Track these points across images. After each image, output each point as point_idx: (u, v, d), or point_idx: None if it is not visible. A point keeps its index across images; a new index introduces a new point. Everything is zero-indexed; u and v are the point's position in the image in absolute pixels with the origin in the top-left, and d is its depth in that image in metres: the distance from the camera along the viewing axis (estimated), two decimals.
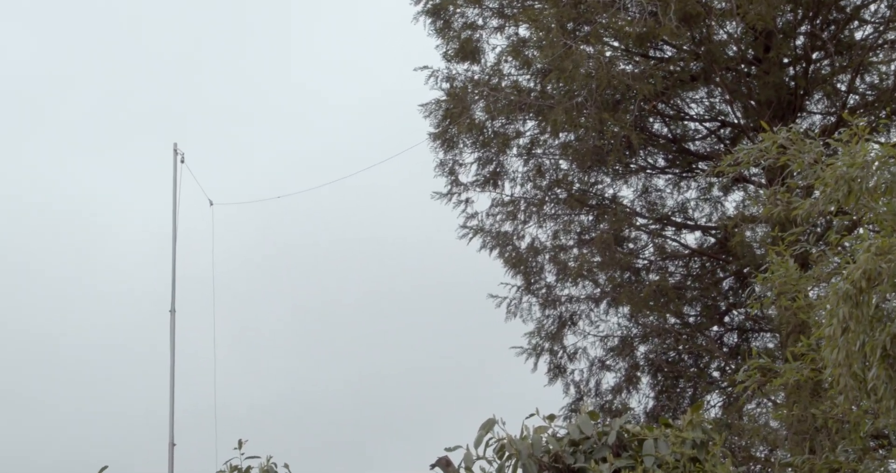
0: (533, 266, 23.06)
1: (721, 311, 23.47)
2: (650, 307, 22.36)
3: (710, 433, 13.38)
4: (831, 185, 10.45)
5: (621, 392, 23.23)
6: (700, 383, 22.98)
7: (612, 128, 21.23)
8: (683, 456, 12.86)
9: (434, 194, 23.36)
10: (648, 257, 23.44)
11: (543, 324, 23.39)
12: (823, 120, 22.52)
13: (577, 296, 23.29)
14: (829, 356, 10.23)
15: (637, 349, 23.40)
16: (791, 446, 18.00)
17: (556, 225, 23.19)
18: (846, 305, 9.93)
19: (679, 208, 23.87)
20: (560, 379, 23.42)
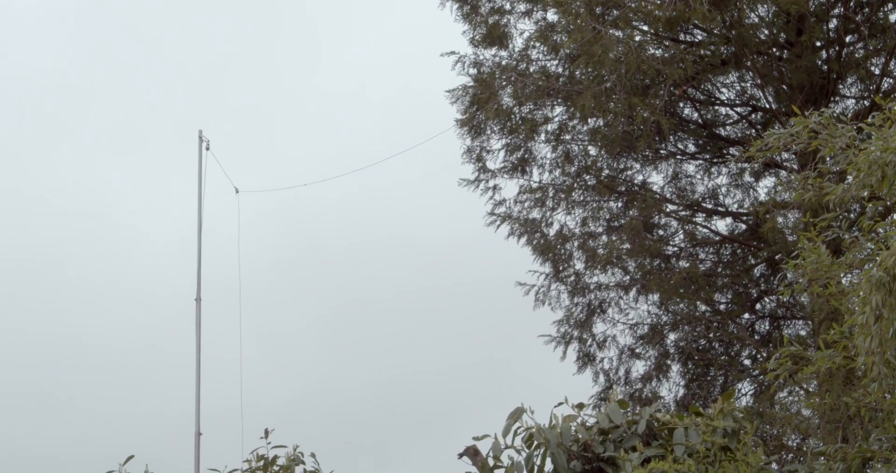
0: (561, 253, 22.92)
1: (752, 298, 23.29)
2: (680, 295, 22.19)
3: (742, 421, 13.25)
4: (864, 170, 10.28)
5: (651, 381, 23.08)
6: (731, 371, 22.80)
7: (641, 113, 21.05)
8: (714, 445, 12.74)
9: (461, 181, 23.25)
10: (678, 244, 23.27)
11: (572, 312, 23.25)
12: (857, 104, 22.28)
13: (607, 283, 23.14)
14: (861, 344, 10.08)
15: (667, 337, 23.25)
16: (823, 434, 17.82)
17: (584, 212, 23.04)
18: (879, 292, 9.77)
19: (709, 194, 23.68)
20: (589, 368, 23.29)
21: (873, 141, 10.37)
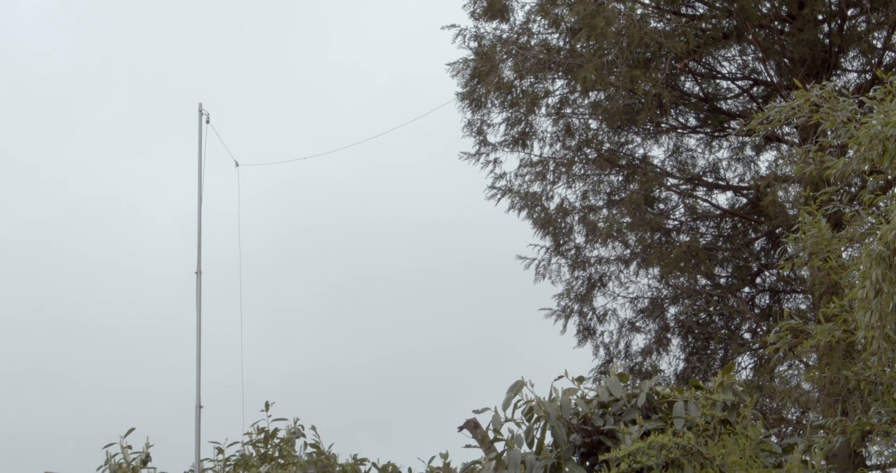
0: (562, 227, 22.91)
1: (753, 272, 23.29)
2: (681, 268, 22.19)
3: (742, 395, 13.27)
4: (865, 144, 10.27)
5: (651, 354, 23.11)
6: (731, 344, 22.82)
7: (642, 86, 21.01)
8: (714, 419, 12.76)
9: (462, 155, 23.22)
10: (679, 218, 23.26)
11: (572, 285, 23.26)
12: (858, 78, 22.22)
13: (607, 257, 23.15)
14: (861, 318, 10.08)
15: (667, 311, 23.27)
16: (823, 408, 17.85)
17: (585, 185, 23.02)
18: (879, 266, 9.77)
19: (710, 168, 23.65)
20: (589, 341, 23.32)
21: (875, 115, 10.35)
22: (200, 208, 17.88)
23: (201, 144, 18.10)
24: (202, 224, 17.87)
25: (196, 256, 17.46)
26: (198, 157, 17.96)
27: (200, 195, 17.93)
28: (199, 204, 17.89)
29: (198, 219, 17.78)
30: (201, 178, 17.92)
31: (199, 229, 17.75)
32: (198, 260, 17.60)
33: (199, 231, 17.76)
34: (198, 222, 17.78)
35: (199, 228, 17.77)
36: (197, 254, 17.55)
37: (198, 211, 17.83)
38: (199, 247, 17.64)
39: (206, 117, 18.19)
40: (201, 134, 18.17)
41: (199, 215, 17.83)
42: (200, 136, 18.15)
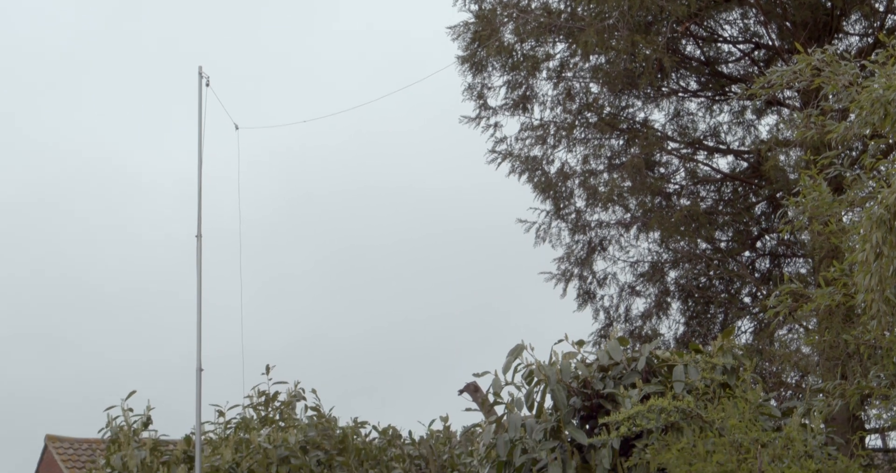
0: (562, 191, 22.88)
1: (753, 236, 23.29)
2: (681, 233, 22.19)
3: (741, 358, 13.31)
4: (867, 108, 10.24)
5: (651, 318, 23.13)
6: (731, 308, 22.84)
7: (643, 50, 20.93)
8: (713, 382, 12.80)
9: (462, 119, 23.16)
10: (679, 182, 23.24)
11: (573, 249, 23.26)
12: (860, 41, 22.14)
13: (607, 221, 23.13)
14: (861, 282, 10.08)
15: (667, 275, 23.28)
16: (822, 371, 17.89)
17: (585, 149, 22.98)
18: (880, 230, 9.76)
19: (711, 132, 23.61)
20: (589, 305, 23.34)
21: (876, 79, 10.32)
22: (200, 172, 17.87)
23: (201, 107, 18.07)
24: (202, 188, 17.86)
25: (196, 219, 17.46)
26: (198, 120, 17.93)
27: (200, 158, 17.92)
28: (200, 167, 17.88)
29: (198, 182, 17.77)
30: (201, 141, 17.90)
31: (199, 193, 17.74)
32: (198, 224, 17.60)
33: (199, 195, 17.75)
34: (198, 186, 17.77)
35: (199, 191, 17.76)
36: (197, 218, 17.55)
37: (198, 174, 17.82)
38: (199, 211, 17.63)
39: (206, 80, 18.14)
40: (201, 97, 18.14)
41: (199, 178, 17.82)
42: (200, 99, 18.11)
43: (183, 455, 20.06)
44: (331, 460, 18.51)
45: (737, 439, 11.13)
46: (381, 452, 18.82)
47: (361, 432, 19.52)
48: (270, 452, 18.62)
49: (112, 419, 20.14)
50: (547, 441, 13.00)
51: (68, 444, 31.30)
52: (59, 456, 30.63)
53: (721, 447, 11.19)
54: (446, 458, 18.30)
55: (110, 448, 19.72)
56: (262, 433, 19.42)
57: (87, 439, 31.45)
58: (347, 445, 18.78)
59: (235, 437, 19.76)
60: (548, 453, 12.87)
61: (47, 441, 31.48)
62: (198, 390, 17.29)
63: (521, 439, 13.12)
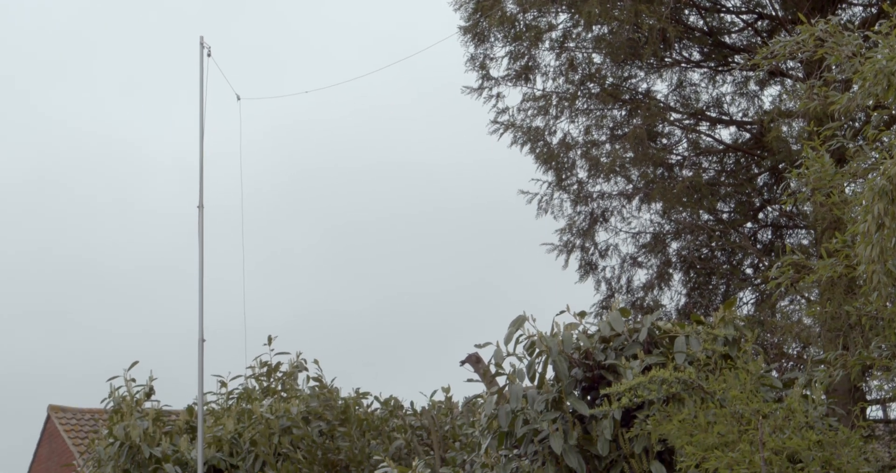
0: (564, 162, 22.85)
1: (755, 207, 23.26)
2: (683, 204, 22.16)
3: (743, 330, 13.31)
4: (870, 79, 10.20)
5: (653, 289, 23.14)
6: (733, 280, 22.85)
7: (646, 20, 20.85)
8: (715, 353, 12.80)
9: (464, 89, 23.12)
10: (682, 153, 23.20)
11: (574, 220, 23.25)
12: (864, 12, 22.05)
13: (609, 192, 23.12)
14: (863, 253, 10.07)
15: (669, 246, 23.27)
16: (824, 342, 17.90)
17: (588, 120, 22.93)
18: (882, 201, 9.74)
19: (714, 103, 23.55)
20: (591, 276, 23.35)
21: (880, 49, 10.28)
22: (202, 142, 17.85)
23: (202, 78, 18.04)
24: (204, 159, 17.85)
25: (198, 190, 17.46)
26: (199, 90, 17.90)
27: (202, 129, 17.90)
28: (201, 138, 17.86)
29: (200, 153, 17.75)
30: (203, 111, 17.88)
31: (200, 164, 17.74)
32: (200, 194, 17.60)
33: (201, 165, 17.74)
34: (200, 157, 17.76)
35: (200, 162, 17.76)
36: (199, 188, 17.55)
37: (199, 145, 17.80)
38: (201, 181, 17.63)
39: (208, 51, 18.11)
40: (202, 68, 18.11)
41: (200, 148, 17.81)
42: (202, 69, 18.09)
43: (185, 426, 20.13)
44: (333, 430, 18.56)
45: (738, 410, 11.15)
46: (383, 422, 18.87)
47: (363, 402, 19.57)
48: (272, 422, 18.67)
49: (115, 389, 20.19)
50: (548, 412, 13.02)
51: (71, 414, 31.40)
52: (62, 426, 30.73)
53: (722, 418, 11.21)
54: (448, 429, 18.35)
55: (113, 418, 19.78)
56: (265, 403, 19.46)
57: (90, 409, 31.56)
58: (349, 415, 18.82)
59: (237, 407, 19.80)
60: (549, 424, 12.89)
61: (50, 412, 31.58)
62: (200, 360, 17.33)
63: (522, 410, 13.14)
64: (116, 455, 19.02)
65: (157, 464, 18.82)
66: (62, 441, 30.78)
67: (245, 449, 18.88)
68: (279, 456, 18.55)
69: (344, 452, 17.48)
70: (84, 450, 27.82)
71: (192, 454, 18.89)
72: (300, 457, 17.74)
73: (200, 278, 17.44)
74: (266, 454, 18.42)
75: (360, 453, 17.35)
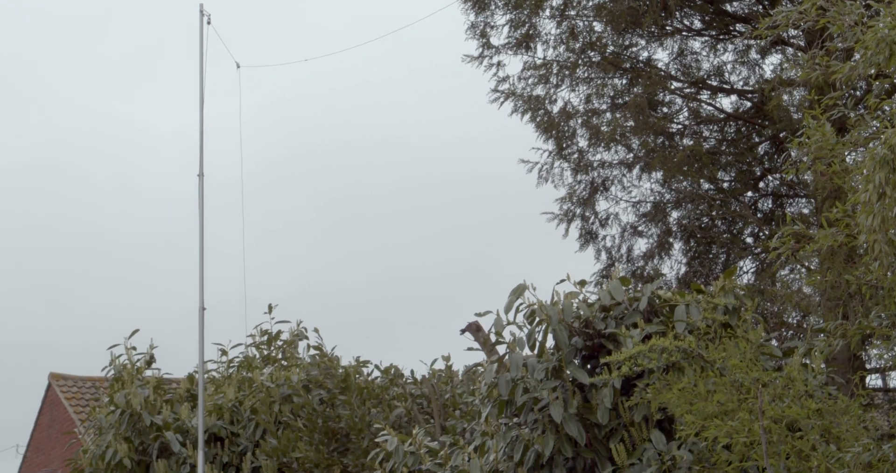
0: (565, 131, 22.80)
1: (756, 176, 23.24)
2: (684, 173, 22.13)
3: (743, 299, 13.32)
4: (872, 48, 10.17)
5: (653, 258, 23.13)
6: (733, 249, 22.84)
7: None
8: (715, 322, 12.82)
9: (465, 58, 23.06)
10: (683, 122, 23.15)
11: (575, 189, 23.22)
12: None
13: (610, 161, 23.07)
14: (864, 222, 10.06)
15: (670, 215, 23.25)
16: (824, 312, 17.93)
17: (588, 89, 22.88)
18: (883, 170, 9.73)
19: (715, 72, 23.48)
20: (591, 245, 23.33)
21: (882, 18, 10.24)
22: (202, 110, 17.82)
23: (202, 45, 17.99)
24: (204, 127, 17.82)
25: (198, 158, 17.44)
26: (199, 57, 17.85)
27: (202, 96, 17.86)
28: (201, 105, 17.82)
29: (199, 121, 17.72)
30: (203, 78, 17.83)
31: (200, 131, 17.71)
32: (200, 163, 17.58)
33: (201, 133, 17.72)
34: (200, 124, 17.73)
35: (200, 129, 17.72)
36: (199, 156, 17.53)
37: (199, 112, 17.77)
38: (201, 149, 17.61)
39: (207, 18, 18.05)
40: (202, 35, 18.05)
41: (200, 116, 17.78)
42: (201, 36, 18.03)
43: (186, 394, 20.20)
44: (333, 398, 18.62)
45: (737, 378, 11.17)
46: (384, 391, 18.92)
47: (364, 371, 19.62)
48: (273, 390, 18.73)
49: (115, 357, 20.25)
50: (548, 381, 13.05)
51: (72, 382, 31.48)
52: (63, 394, 30.81)
53: (722, 386, 11.23)
54: (448, 397, 18.39)
55: (114, 386, 19.84)
56: (265, 371, 19.52)
57: (91, 377, 31.64)
58: (350, 384, 18.87)
59: (238, 376, 19.86)
60: (549, 392, 12.92)
61: (51, 380, 31.65)
62: (200, 328, 17.36)
63: (522, 378, 13.17)
64: (117, 423, 19.10)
65: (157, 432, 18.89)
66: (63, 408, 30.87)
67: (246, 417, 18.94)
68: (280, 424, 18.62)
69: (344, 420, 17.53)
70: (85, 418, 27.91)
71: (193, 422, 18.96)
72: (300, 425, 17.80)
73: (201, 245, 17.45)
74: (266, 422, 18.47)
75: (361, 421, 17.40)
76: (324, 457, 17.19)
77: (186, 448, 18.63)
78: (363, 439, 17.20)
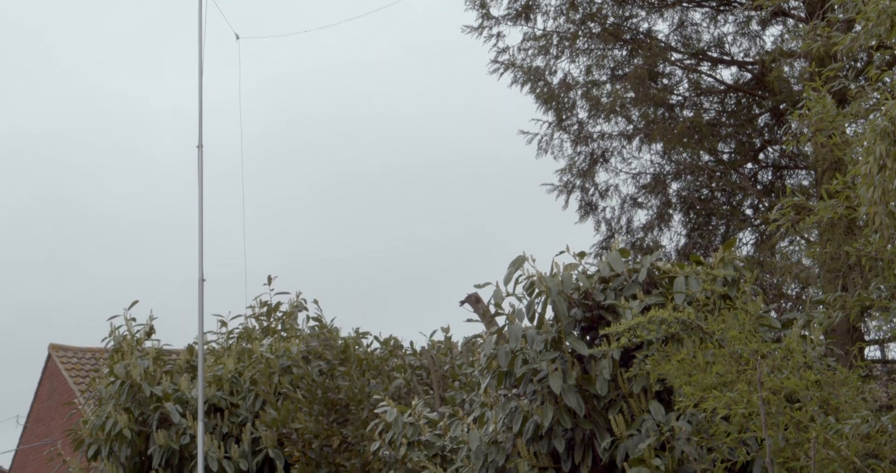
0: (565, 102, 22.76)
1: (756, 148, 23.21)
2: (684, 144, 22.10)
3: (742, 270, 13.31)
4: (873, 19, 10.13)
5: (653, 230, 23.13)
6: (733, 220, 22.84)
7: None
8: (714, 294, 12.82)
9: (464, 28, 23.01)
10: (683, 93, 23.11)
11: (575, 161, 23.20)
12: None
13: (610, 132, 23.04)
14: (864, 194, 10.05)
15: (669, 187, 23.24)
16: (823, 283, 17.94)
17: (588, 60, 22.82)
18: (884, 142, 9.71)
19: (715, 43, 23.41)
20: (591, 217, 23.33)
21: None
22: (201, 81, 17.76)
23: (201, 14, 17.93)
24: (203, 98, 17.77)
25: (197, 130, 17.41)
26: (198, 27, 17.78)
27: (201, 67, 17.80)
28: (200, 76, 17.76)
29: (199, 91, 17.67)
30: (201, 49, 17.77)
31: (199, 102, 17.66)
32: (199, 134, 17.55)
33: (200, 105, 17.66)
34: (199, 95, 17.68)
35: (199, 101, 17.67)
36: (198, 128, 17.49)
37: (199, 83, 17.71)
38: (200, 121, 17.57)
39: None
40: (201, 6, 17.99)
41: (199, 87, 17.72)
42: (200, 8, 17.97)
43: (186, 365, 20.22)
44: (332, 370, 18.65)
45: (736, 350, 11.17)
46: (383, 362, 18.95)
47: (363, 342, 19.64)
48: (272, 362, 18.75)
49: (115, 328, 20.26)
50: (547, 352, 13.06)
51: (72, 353, 31.53)
52: (63, 365, 30.87)
53: (721, 358, 11.23)
54: (447, 368, 18.42)
55: (113, 357, 19.86)
56: (265, 343, 19.53)
57: (91, 348, 31.69)
58: (349, 355, 18.90)
59: (238, 347, 19.88)
60: (548, 363, 12.94)
61: (51, 350, 31.71)
62: (200, 299, 17.37)
63: (521, 349, 13.17)
64: (117, 394, 19.13)
65: (157, 403, 18.92)
66: (63, 379, 30.93)
67: (245, 388, 18.97)
68: (279, 395, 18.65)
69: (344, 391, 17.57)
70: (85, 389, 27.98)
71: (193, 392, 18.99)
72: (300, 396, 17.83)
73: (200, 215, 17.44)
74: (266, 393, 18.50)
75: (360, 392, 17.43)
76: (323, 428, 17.22)
77: (186, 419, 18.67)
78: (362, 410, 17.23)
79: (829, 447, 10.62)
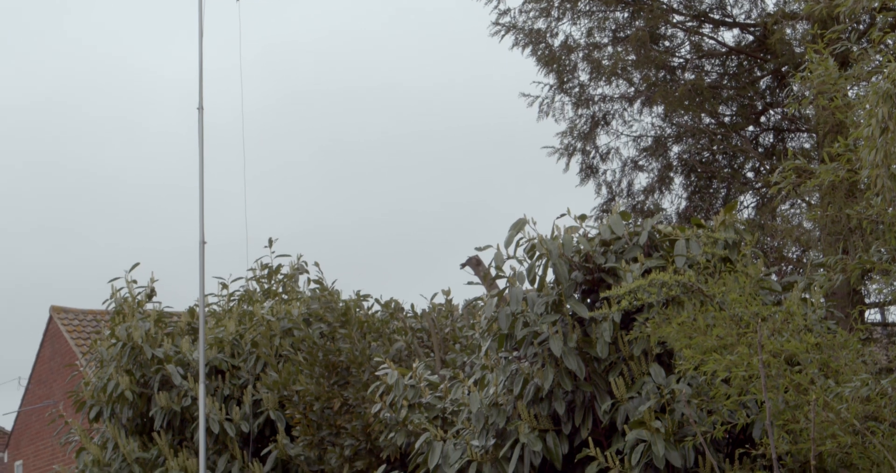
0: (566, 64, 22.69)
1: (757, 111, 23.15)
2: (685, 107, 22.05)
3: (743, 233, 13.31)
4: None
5: (654, 193, 23.12)
6: (734, 183, 22.82)
7: None
8: (715, 257, 12.82)
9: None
10: (684, 56, 23.03)
11: (576, 124, 23.15)
12: None
13: (611, 95, 22.99)
14: (866, 157, 10.02)
15: (670, 150, 23.20)
16: (824, 246, 17.94)
17: (590, 22, 22.73)
18: (886, 104, 9.67)
19: (717, 5, 23.31)
20: (592, 180, 23.31)
21: None
22: (201, 42, 17.69)
23: None
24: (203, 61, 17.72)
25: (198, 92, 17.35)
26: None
27: (201, 28, 17.73)
28: (200, 39, 17.69)
29: (199, 54, 17.61)
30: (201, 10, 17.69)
31: (199, 65, 17.60)
32: (199, 95, 17.50)
33: (200, 66, 17.60)
34: (199, 58, 17.62)
35: (199, 63, 17.61)
36: (199, 90, 17.43)
37: (198, 46, 17.65)
38: (201, 82, 17.51)
39: None
40: None
41: (199, 48, 17.66)
42: None
43: (187, 327, 20.25)
44: (333, 332, 18.68)
45: (737, 313, 11.18)
46: (384, 324, 18.97)
47: (364, 305, 19.66)
48: (273, 324, 18.78)
49: (116, 290, 20.29)
50: (548, 315, 13.07)
51: (73, 315, 31.58)
52: (65, 327, 30.92)
53: (721, 321, 11.24)
54: (448, 331, 18.45)
55: (115, 319, 19.89)
56: (266, 305, 19.56)
57: (92, 310, 31.74)
58: (350, 317, 18.92)
59: (239, 309, 19.91)
60: (549, 326, 12.95)
61: (52, 312, 31.76)
62: (201, 262, 17.37)
63: (522, 312, 13.19)
64: (119, 356, 19.18)
65: (159, 365, 18.97)
66: (64, 341, 31.00)
67: (246, 351, 19.02)
68: (280, 358, 18.69)
69: (345, 354, 17.60)
70: (86, 351, 28.05)
71: (194, 354, 19.04)
72: (301, 359, 17.87)
73: (201, 177, 17.42)
74: (267, 355, 18.55)
75: (361, 354, 17.46)
76: (324, 390, 17.27)
77: (187, 381, 18.72)
78: (363, 372, 17.27)
79: (829, 409, 10.65)
